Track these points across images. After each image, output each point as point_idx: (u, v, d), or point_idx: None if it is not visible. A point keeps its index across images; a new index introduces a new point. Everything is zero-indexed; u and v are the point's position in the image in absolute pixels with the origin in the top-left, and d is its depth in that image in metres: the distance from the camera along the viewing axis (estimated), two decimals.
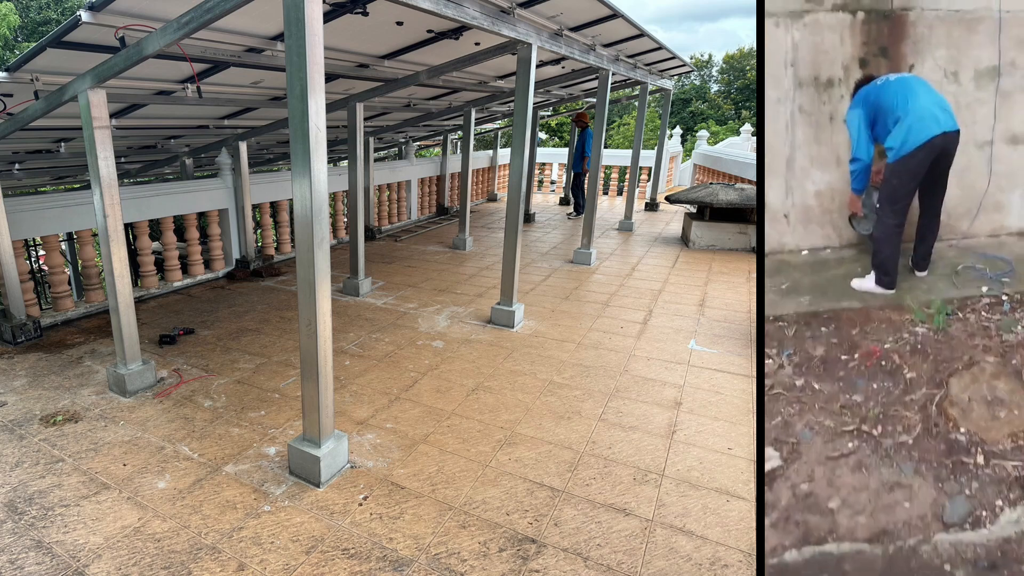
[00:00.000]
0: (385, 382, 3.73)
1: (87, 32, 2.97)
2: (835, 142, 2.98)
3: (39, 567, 2.15)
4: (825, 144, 2.99)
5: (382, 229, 8.80)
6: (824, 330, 2.53)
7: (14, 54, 21.61)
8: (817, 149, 2.98)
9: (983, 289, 2.72)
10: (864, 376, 2.24)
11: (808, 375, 2.28)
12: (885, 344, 2.40)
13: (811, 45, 2.86)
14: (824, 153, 2.99)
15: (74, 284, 9.23)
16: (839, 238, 3.12)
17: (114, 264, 3.27)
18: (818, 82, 2.91)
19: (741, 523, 2.45)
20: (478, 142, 13.35)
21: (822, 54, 2.87)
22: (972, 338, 2.39)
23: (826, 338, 2.47)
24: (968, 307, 2.61)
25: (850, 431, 2.03)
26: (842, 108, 2.93)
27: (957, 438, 1.97)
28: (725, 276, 6.47)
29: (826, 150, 2.99)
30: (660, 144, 10.76)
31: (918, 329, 2.48)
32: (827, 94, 2.92)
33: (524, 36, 4.22)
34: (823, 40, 2.85)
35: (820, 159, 2.99)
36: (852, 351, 2.38)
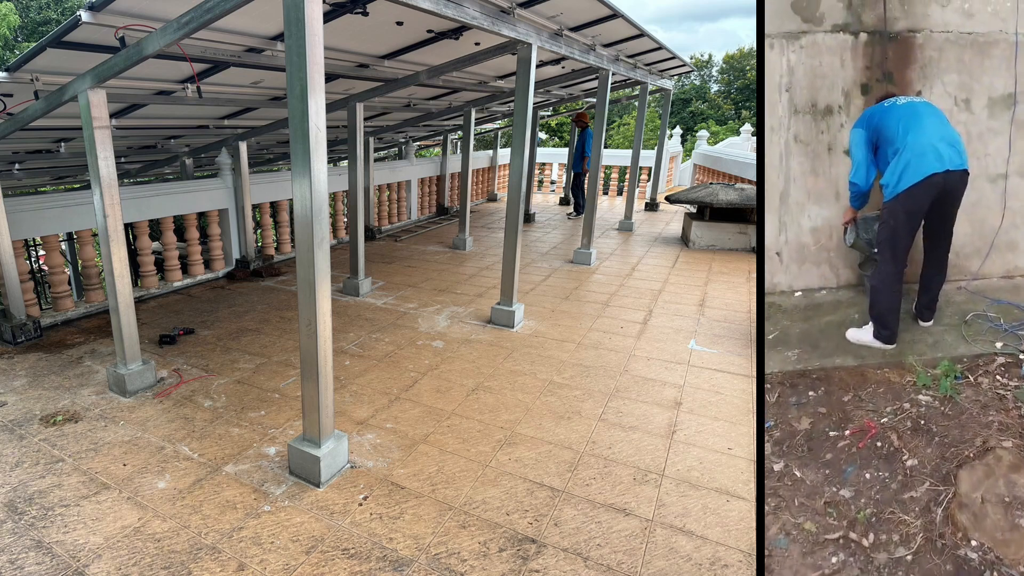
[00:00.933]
0: (385, 382, 3.73)
1: (87, 32, 2.97)
2: (834, 175, 2.73)
3: (39, 567, 2.15)
4: (823, 176, 2.73)
5: (382, 229, 8.80)
6: (812, 395, 2.17)
7: (14, 54, 21.61)
8: (814, 182, 2.73)
9: (997, 345, 2.38)
10: (855, 461, 1.87)
11: (789, 456, 1.91)
12: (882, 418, 2.03)
13: (808, 69, 2.62)
14: (821, 186, 2.73)
15: (74, 284, 9.23)
16: (836, 278, 2.86)
17: (114, 264, 3.27)
18: (816, 109, 2.67)
19: (741, 523, 2.45)
20: (478, 142, 13.35)
21: (820, 79, 2.63)
22: (985, 411, 1.98)
23: (813, 406, 2.10)
24: (980, 368, 2.21)
25: (835, 539, 1.67)
26: (842, 138, 2.70)
27: (967, 555, 1.52)
28: (725, 276, 6.47)
29: (824, 183, 2.73)
30: (660, 144, 10.76)
31: (921, 397, 2.09)
32: (825, 122, 2.68)
33: (524, 36, 4.22)
34: (821, 64, 2.62)
35: (817, 193, 2.73)
36: (843, 425, 2.01)
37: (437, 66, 5.12)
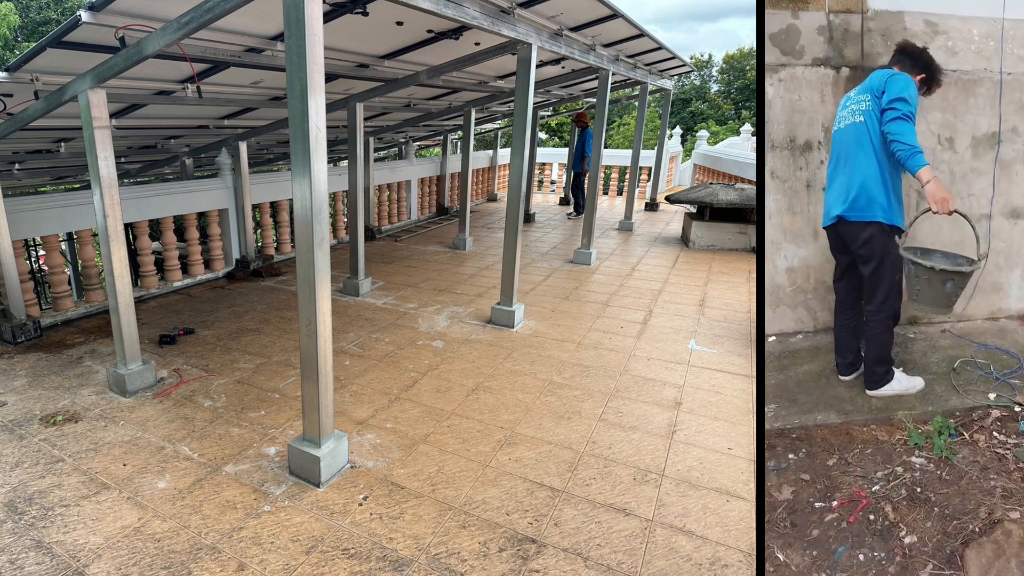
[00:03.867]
0: (385, 382, 3.73)
1: (87, 32, 2.97)
2: (812, 213, 2.63)
3: (39, 567, 2.15)
4: (800, 215, 2.64)
5: (382, 229, 8.80)
6: (792, 458, 1.96)
7: (14, 54, 21.61)
8: (791, 220, 2.64)
9: (990, 396, 2.28)
10: (847, 539, 1.62)
11: (770, 535, 1.67)
12: (873, 485, 1.81)
13: (787, 103, 2.54)
14: (799, 225, 2.64)
15: (74, 284, 9.22)
16: (813, 321, 2.74)
17: (114, 264, 3.27)
18: (794, 145, 2.59)
19: (741, 523, 2.45)
20: (478, 142, 13.35)
21: (799, 113, 2.55)
22: (985, 474, 1.79)
23: (795, 471, 1.88)
24: (975, 424, 2.05)
25: None
26: (821, 175, 2.57)
27: None
28: (725, 276, 6.47)
29: (801, 221, 2.64)
30: (660, 144, 10.76)
31: (915, 459, 1.92)
32: (804, 158, 2.60)
33: (524, 36, 4.22)
34: (800, 98, 2.54)
35: (794, 231, 2.64)
36: (829, 494, 1.77)
37: (437, 66, 5.12)
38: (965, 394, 2.29)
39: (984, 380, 2.38)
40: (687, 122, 36.30)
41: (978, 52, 2.60)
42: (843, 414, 2.21)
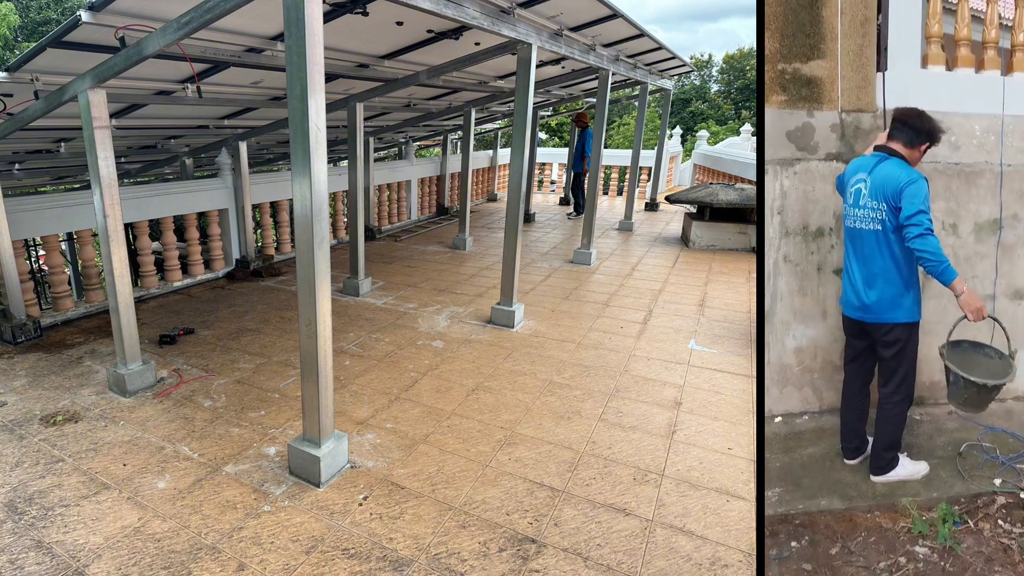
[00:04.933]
0: (385, 382, 3.73)
1: (87, 32, 2.97)
2: (822, 294, 2.72)
3: (39, 567, 2.15)
4: (811, 296, 2.72)
5: (382, 229, 8.80)
6: (795, 546, 1.91)
7: (14, 54, 21.60)
8: (801, 301, 2.72)
9: (996, 482, 2.26)
10: None
11: None
12: None
13: (801, 193, 2.66)
14: (809, 306, 2.72)
15: (74, 284, 9.23)
16: (819, 401, 2.78)
17: (114, 264, 3.27)
18: (807, 231, 2.69)
19: (741, 523, 2.45)
20: (478, 142, 13.35)
21: (812, 203, 2.67)
22: (990, 566, 1.73)
23: (797, 561, 1.83)
24: (980, 511, 2.01)
25: None
26: (831, 258, 2.70)
27: None
28: (725, 276, 6.47)
29: (811, 302, 2.72)
30: (660, 144, 10.76)
31: (918, 549, 1.87)
32: (816, 243, 2.70)
33: (524, 36, 4.22)
34: (814, 189, 2.66)
35: (804, 312, 2.72)
36: None
37: (437, 66, 5.12)
38: (970, 480, 2.27)
39: (990, 465, 2.37)
40: (687, 122, 36.30)
41: (980, 146, 2.73)
42: (847, 500, 2.20)
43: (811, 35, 2.57)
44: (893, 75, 2.67)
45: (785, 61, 2.58)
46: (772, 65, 2.57)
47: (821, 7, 2.56)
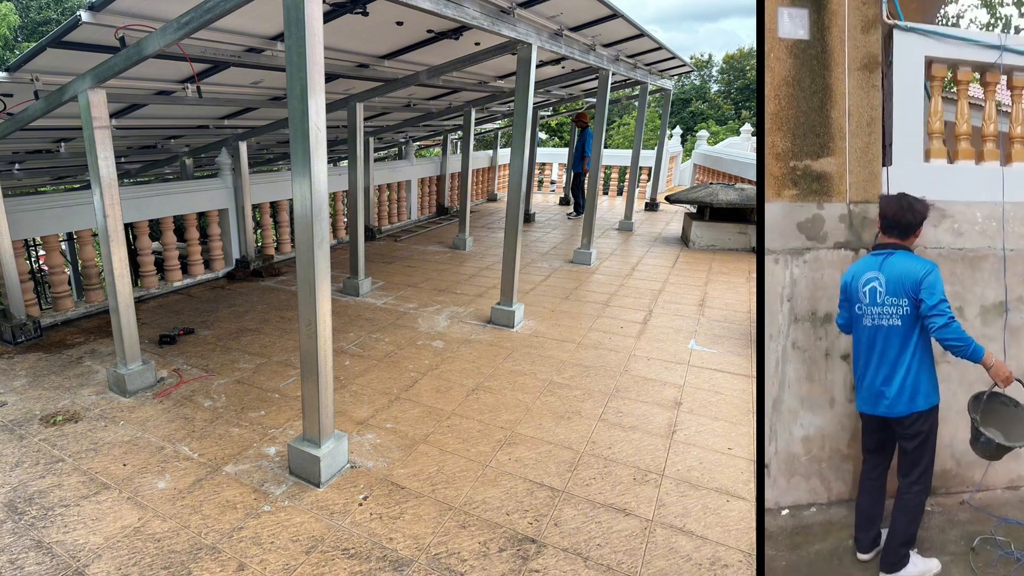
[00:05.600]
0: (385, 382, 3.73)
1: (87, 32, 2.97)
2: (829, 380, 2.76)
3: (39, 567, 2.15)
4: (818, 382, 2.75)
5: (382, 229, 8.80)
6: None
7: (14, 54, 21.59)
8: (809, 388, 2.74)
9: None
10: None
11: None
12: None
13: (810, 281, 2.74)
14: (817, 392, 2.74)
15: (74, 284, 9.22)
16: (827, 492, 2.77)
17: (114, 264, 3.27)
18: (815, 317, 2.75)
19: (741, 523, 2.45)
20: (478, 142, 13.35)
21: (821, 289, 2.75)
22: None
23: None
24: None
25: None
26: (840, 344, 2.75)
27: None
28: (725, 276, 6.47)
29: (819, 389, 2.75)
30: (660, 144, 10.76)
31: None
32: (824, 329, 2.75)
33: (524, 36, 4.22)
34: (823, 276, 2.75)
35: (811, 399, 2.74)
36: None
37: (437, 66, 5.12)
38: None
39: (1004, 561, 2.30)
40: (687, 122, 36.30)
41: (982, 232, 2.84)
42: None
43: (821, 135, 2.74)
44: (898, 169, 2.81)
45: (797, 159, 2.75)
46: (784, 163, 2.73)
47: (830, 109, 2.73)
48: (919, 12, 4.23)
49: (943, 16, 13.39)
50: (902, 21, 2.80)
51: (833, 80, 2.74)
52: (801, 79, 2.71)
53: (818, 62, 2.73)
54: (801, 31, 2.70)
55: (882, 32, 2.76)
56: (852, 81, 2.75)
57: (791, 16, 2.70)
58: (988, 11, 14.22)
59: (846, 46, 2.74)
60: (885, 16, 2.78)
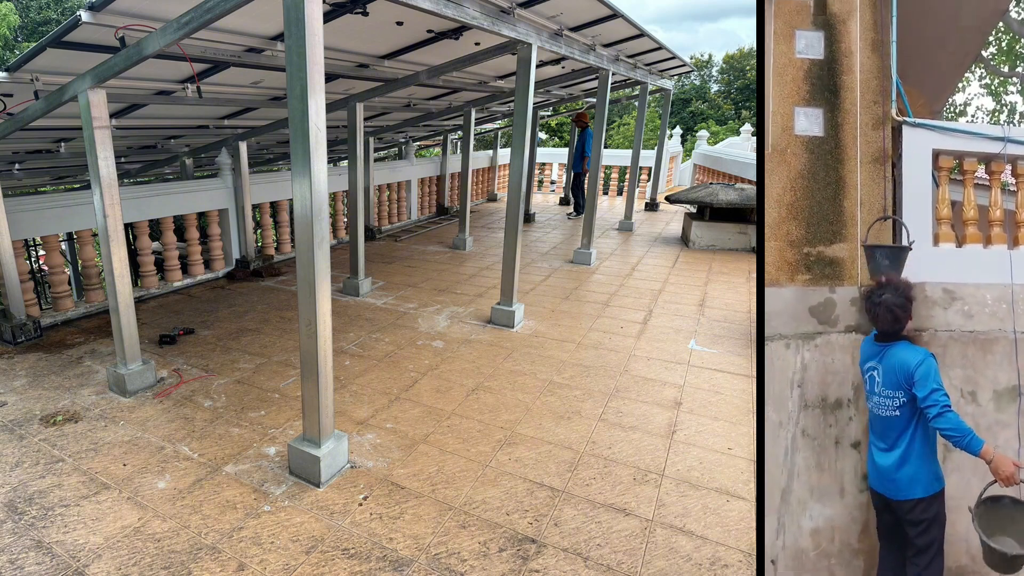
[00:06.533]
0: (385, 382, 3.73)
1: (87, 32, 2.97)
2: (839, 469, 2.75)
3: (39, 567, 2.15)
4: (828, 471, 2.74)
5: (382, 229, 8.80)
6: None
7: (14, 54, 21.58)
8: (818, 477, 2.72)
9: None
10: None
11: None
12: None
13: (821, 366, 2.77)
14: (826, 482, 2.73)
15: (74, 284, 9.22)
16: None
17: (114, 264, 3.27)
18: (825, 403, 2.76)
19: (741, 523, 2.46)
20: (478, 142, 13.35)
21: (832, 375, 2.77)
22: None
23: None
24: None
25: None
26: (850, 430, 2.76)
27: None
28: (725, 276, 6.47)
29: (829, 478, 2.73)
30: (660, 144, 10.76)
31: None
32: (834, 415, 2.76)
33: (524, 36, 4.22)
34: (834, 361, 2.78)
35: (821, 489, 2.72)
36: None
37: (437, 66, 5.12)
38: None
39: None
40: (687, 122, 36.28)
41: (992, 314, 2.86)
42: None
43: (834, 223, 2.89)
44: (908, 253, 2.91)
45: (811, 245, 2.88)
46: (798, 249, 2.87)
47: (843, 200, 2.89)
48: (927, 107, 4.45)
49: (951, 104, 14.03)
50: (911, 117, 2.96)
51: (846, 172, 2.90)
52: (816, 172, 2.89)
53: (832, 156, 2.91)
54: (816, 129, 2.90)
55: (892, 128, 2.93)
56: (864, 173, 2.90)
57: (807, 115, 2.90)
58: (994, 99, 14.88)
59: (858, 141, 2.89)
60: (895, 113, 2.94)
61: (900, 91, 2.97)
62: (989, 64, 13.61)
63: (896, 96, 2.95)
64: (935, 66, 4.55)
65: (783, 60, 2.92)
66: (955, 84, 5.75)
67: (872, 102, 2.92)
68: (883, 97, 2.93)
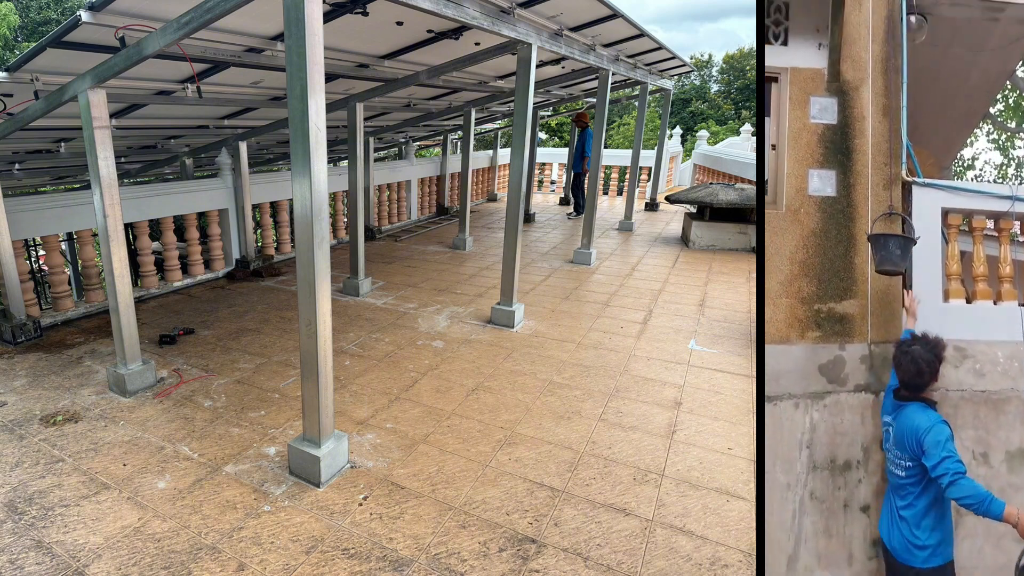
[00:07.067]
0: (385, 382, 3.73)
1: (87, 32, 2.97)
2: (848, 534, 2.70)
3: (39, 567, 2.15)
4: (836, 537, 2.69)
5: (382, 229, 8.80)
6: None
7: (14, 54, 21.58)
8: (827, 543, 2.68)
9: None
10: None
11: None
12: None
13: (830, 426, 2.76)
14: (835, 548, 2.68)
15: (74, 284, 9.22)
16: None
17: (114, 264, 3.27)
18: (834, 465, 2.74)
19: (741, 523, 2.46)
20: (478, 142, 13.35)
21: (840, 435, 2.75)
22: None
23: None
24: None
25: None
26: (859, 493, 2.71)
27: None
28: (725, 276, 6.47)
29: (837, 544, 2.68)
30: (660, 144, 10.76)
31: None
32: (843, 478, 2.73)
33: (524, 36, 4.22)
34: (843, 421, 2.76)
35: (829, 556, 2.67)
36: None
37: (437, 66, 5.12)
38: None
39: None
40: (687, 122, 36.27)
41: (1004, 373, 2.85)
42: None
43: (844, 279, 2.94)
44: (918, 309, 2.89)
45: (821, 302, 2.92)
46: (809, 306, 2.92)
47: (854, 256, 2.96)
48: (936, 165, 4.61)
49: (959, 158, 14.36)
50: (920, 177, 3.04)
51: (857, 231, 2.97)
52: (828, 230, 2.98)
53: (844, 216, 3.00)
54: (829, 189, 3.01)
55: (902, 188, 3.01)
56: (875, 231, 2.94)
57: (820, 177, 3.01)
58: (1001, 153, 15.36)
59: (869, 201, 2.97)
60: (905, 173, 3.02)
61: (910, 152, 3.05)
62: (996, 120, 13.94)
63: (906, 157, 3.03)
64: (944, 125, 4.65)
65: (798, 124, 3.02)
66: (964, 140, 5.90)
67: (883, 163, 3.01)
68: (893, 158, 3.02)
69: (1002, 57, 3.89)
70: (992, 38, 3.65)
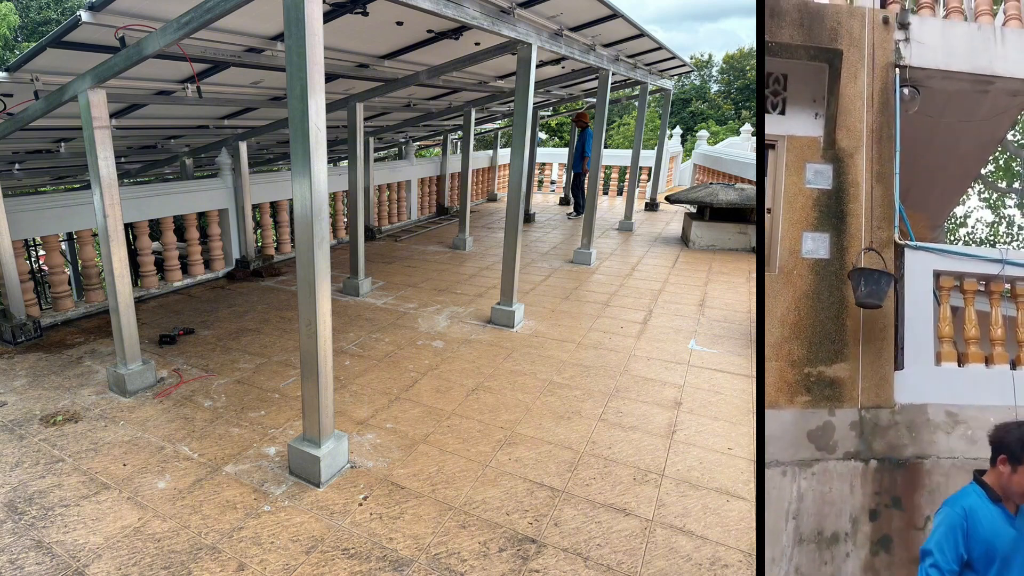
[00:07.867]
0: (385, 382, 3.73)
1: (87, 32, 2.97)
2: None
3: (39, 567, 2.15)
4: None
5: (382, 229, 8.80)
6: None
7: (14, 54, 21.57)
8: None
9: None
10: None
11: None
12: None
13: (818, 495, 2.71)
14: None
15: (74, 284, 9.22)
16: None
17: (114, 264, 3.27)
18: (821, 537, 2.68)
19: (741, 523, 2.46)
20: (478, 142, 13.35)
21: (828, 505, 2.70)
22: None
23: None
24: None
25: None
26: (846, 569, 2.63)
27: None
28: (725, 276, 6.47)
29: None
30: (660, 144, 10.76)
31: None
32: (830, 551, 2.66)
33: (524, 36, 4.22)
34: (831, 490, 2.72)
35: None
36: None
37: (437, 66, 5.12)
38: None
39: None
40: (687, 122, 36.26)
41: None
42: None
43: (836, 342, 2.93)
44: (910, 372, 2.89)
45: (811, 365, 2.91)
46: (799, 369, 2.91)
47: (846, 318, 2.96)
48: (929, 226, 4.69)
49: (951, 216, 14.65)
50: (912, 240, 3.10)
51: (849, 293, 2.97)
52: (820, 292, 3.01)
53: (836, 278, 3.03)
54: (822, 252, 3.07)
55: (895, 250, 3.06)
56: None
57: (814, 239, 3.06)
58: (992, 212, 15.60)
59: (862, 264, 3.00)
60: (897, 237, 3.07)
61: (903, 216, 3.11)
62: (988, 180, 14.23)
63: (899, 220, 3.08)
64: (937, 188, 4.73)
65: (794, 189, 3.07)
66: (956, 201, 6.01)
67: (876, 227, 3.06)
68: (887, 222, 3.08)
69: (993, 125, 3.96)
70: (983, 108, 3.71)
